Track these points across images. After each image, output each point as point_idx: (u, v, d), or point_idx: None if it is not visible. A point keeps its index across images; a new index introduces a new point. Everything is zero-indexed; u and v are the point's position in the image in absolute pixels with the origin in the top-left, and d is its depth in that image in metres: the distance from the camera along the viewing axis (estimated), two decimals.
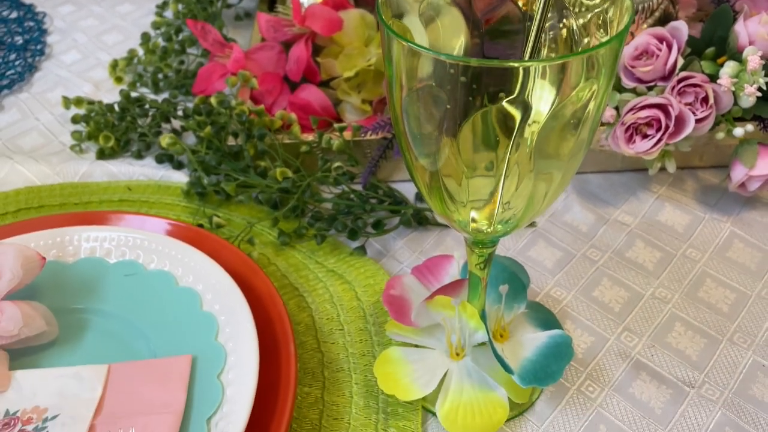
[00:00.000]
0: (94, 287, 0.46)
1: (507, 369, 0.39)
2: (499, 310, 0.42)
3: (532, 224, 0.55)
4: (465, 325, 0.40)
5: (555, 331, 0.42)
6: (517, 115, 0.26)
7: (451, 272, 0.47)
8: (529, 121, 0.27)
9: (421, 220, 0.54)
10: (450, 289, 0.41)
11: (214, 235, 0.49)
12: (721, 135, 0.52)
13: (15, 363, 0.41)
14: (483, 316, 0.40)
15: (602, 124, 0.53)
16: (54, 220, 0.50)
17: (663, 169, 0.57)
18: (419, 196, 0.57)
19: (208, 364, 0.40)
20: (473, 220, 0.34)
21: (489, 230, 0.35)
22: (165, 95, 0.69)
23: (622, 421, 0.41)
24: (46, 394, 0.39)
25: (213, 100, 0.57)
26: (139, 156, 0.62)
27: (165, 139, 0.55)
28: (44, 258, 0.43)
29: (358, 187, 0.55)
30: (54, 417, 0.37)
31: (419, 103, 0.28)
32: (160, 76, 0.71)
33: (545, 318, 0.45)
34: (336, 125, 0.55)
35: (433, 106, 0.27)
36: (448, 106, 0.27)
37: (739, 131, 0.51)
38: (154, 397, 0.38)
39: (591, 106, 0.29)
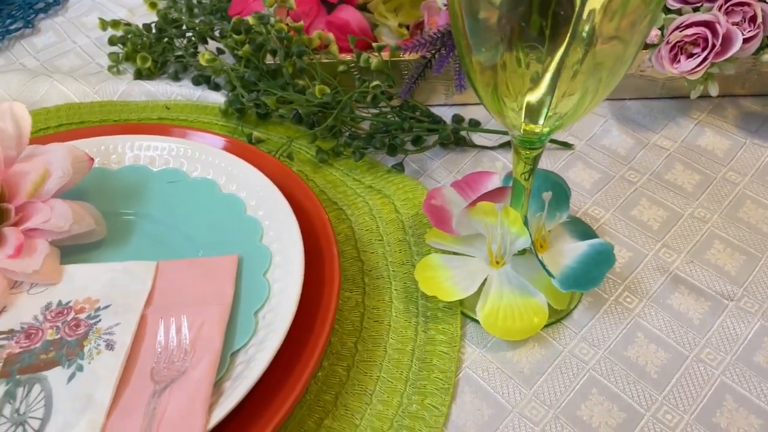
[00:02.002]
0: (138, 193, 0.46)
1: (548, 273, 0.39)
2: (541, 218, 0.42)
3: (570, 146, 0.54)
4: (506, 231, 0.41)
5: (595, 240, 0.42)
6: None
7: (491, 188, 0.47)
8: None
9: (458, 140, 0.54)
10: (493, 195, 0.41)
11: (256, 148, 0.50)
12: (766, 57, 0.51)
13: (66, 260, 0.42)
14: (525, 223, 0.40)
15: (645, 46, 0.52)
16: (97, 130, 0.50)
17: (703, 97, 0.57)
18: (456, 118, 0.56)
19: (253, 263, 0.41)
20: (525, 118, 0.34)
21: (538, 130, 0.35)
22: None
23: (660, 329, 0.42)
24: (97, 287, 0.40)
25: (251, 19, 0.57)
26: (176, 77, 0.62)
27: (204, 56, 0.56)
28: (92, 159, 0.44)
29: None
30: (106, 307, 0.38)
31: None
32: (195, 1, 0.70)
33: (584, 231, 0.45)
34: (374, 44, 0.55)
35: None
36: None
37: None
38: (203, 291, 0.39)
39: None
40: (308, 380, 0.35)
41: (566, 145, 0.54)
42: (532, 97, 0.32)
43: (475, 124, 0.56)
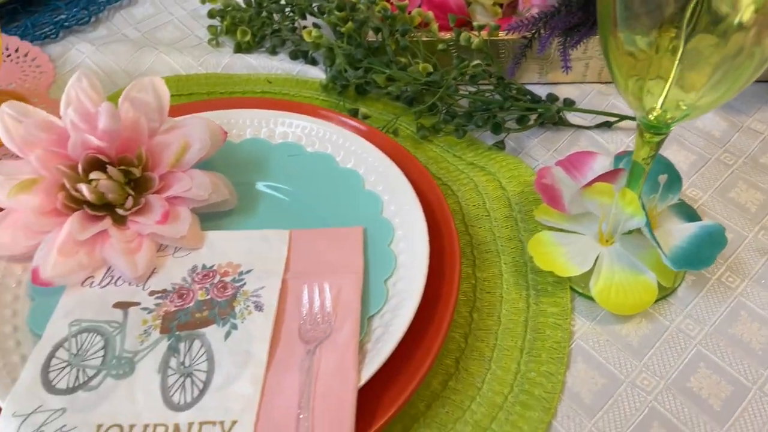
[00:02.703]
0: (261, 164, 0.49)
1: (662, 252, 0.41)
2: (654, 199, 0.44)
3: None
4: (620, 211, 0.43)
5: (706, 222, 0.44)
6: None
7: (595, 168, 0.49)
8: None
9: (558, 120, 0.56)
10: (608, 177, 0.43)
11: (367, 124, 0.52)
12: None
13: (202, 226, 0.45)
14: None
15: None
16: (214, 104, 0.53)
17: None
18: (551, 98, 0.58)
19: (377, 235, 0.44)
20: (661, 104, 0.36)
21: (670, 116, 0.37)
22: None
23: (762, 309, 0.44)
24: (237, 252, 0.43)
25: None
26: (273, 52, 0.65)
27: (311, 33, 0.58)
28: (226, 132, 0.46)
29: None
30: (249, 271, 0.41)
31: None
32: None
33: (688, 212, 0.47)
34: (475, 23, 0.57)
35: None
36: None
37: None
38: (335, 259, 0.42)
39: None
40: (442, 344, 0.38)
41: None
42: (676, 84, 0.34)
43: (569, 104, 0.58)
